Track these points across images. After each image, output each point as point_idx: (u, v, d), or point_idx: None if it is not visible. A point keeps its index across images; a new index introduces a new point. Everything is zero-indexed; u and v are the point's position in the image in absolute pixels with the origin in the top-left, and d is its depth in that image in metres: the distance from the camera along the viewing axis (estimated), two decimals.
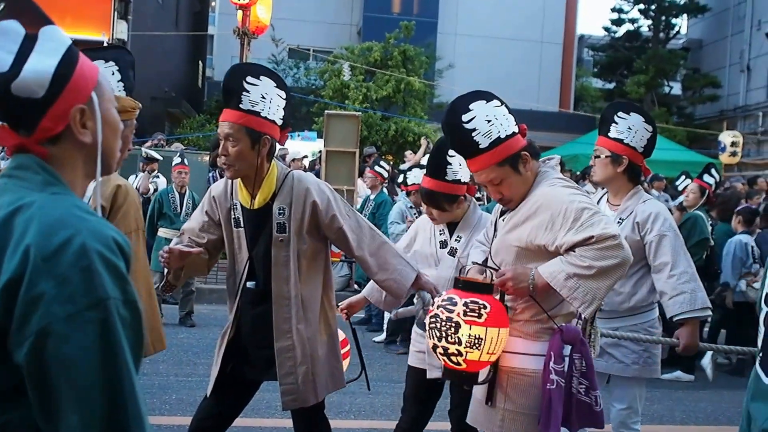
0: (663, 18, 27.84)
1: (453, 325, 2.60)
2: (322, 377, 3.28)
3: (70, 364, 1.22)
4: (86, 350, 1.23)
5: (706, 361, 6.46)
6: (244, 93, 3.04)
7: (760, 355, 1.73)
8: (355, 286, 10.26)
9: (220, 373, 3.30)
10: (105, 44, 14.26)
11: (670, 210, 4.99)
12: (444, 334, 2.62)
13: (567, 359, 2.68)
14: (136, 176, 9.85)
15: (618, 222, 3.97)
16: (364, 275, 8.28)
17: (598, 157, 3.96)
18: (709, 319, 6.71)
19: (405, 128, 18.72)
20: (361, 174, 11.25)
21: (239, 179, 3.21)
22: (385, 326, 8.26)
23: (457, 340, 2.59)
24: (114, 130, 1.52)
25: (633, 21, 28.52)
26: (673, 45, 29.01)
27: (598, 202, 4.12)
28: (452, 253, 3.64)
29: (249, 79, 3.06)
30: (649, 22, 28.13)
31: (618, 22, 28.67)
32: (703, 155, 18.50)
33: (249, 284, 3.29)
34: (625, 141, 3.88)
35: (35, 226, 1.28)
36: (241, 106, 3.04)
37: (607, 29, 29.21)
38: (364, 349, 3.67)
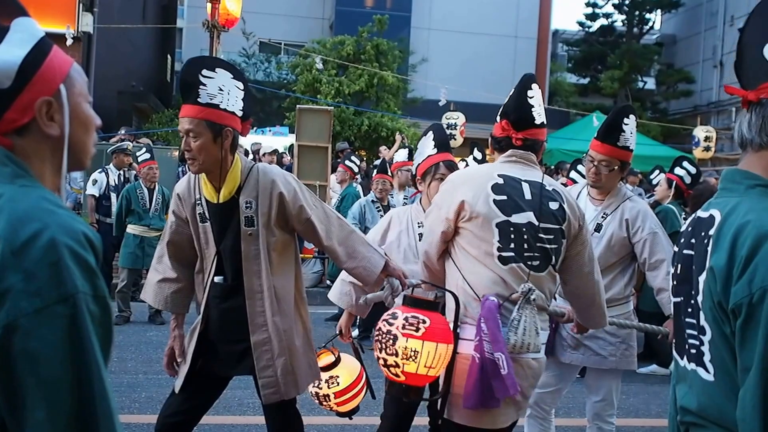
0: (637, 13, 28.14)
1: (391, 337, 2.73)
2: (301, 369, 3.28)
3: (37, 360, 1.21)
4: (54, 345, 1.22)
5: None
6: (201, 87, 3.03)
7: (674, 341, 1.91)
8: (328, 282, 10.25)
9: (189, 369, 3.28)
10: (70, 37, 14.10)
11: None
12: (384, 346, 2.75)
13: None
14: (104, 171, 9.73)
15: (602, 217, 4.03)
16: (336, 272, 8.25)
17: (610, 168, 3.96)
18: None
19: (378, 123, 18.74)
20: (333, 170, 11.24)
21: (203, 174, 3.20)
22: (357, 321, 8.26)
23: (394, 352, 2.71)
24: (84, 125, 1.50)
25: (607, 16, 28.78)
26: (647, 40, 29.34)
27: (578, 197, 4.16)
28: None
29: (204, 72, 3.05)
30: (623, 17, 28.42)
31: (592, 17, 28.90)
32: (677, 150, 18.70)
33: (217, 279, 3.28)
34: (630, 147, 3.95)
35: (4, 219, 1.27)
36: (199, 100, 3.03)
37: (581, 24, 29.45)
38: (339, 347, 3.66)
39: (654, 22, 29.52)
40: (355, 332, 8.14)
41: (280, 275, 3.25)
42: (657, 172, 10.43)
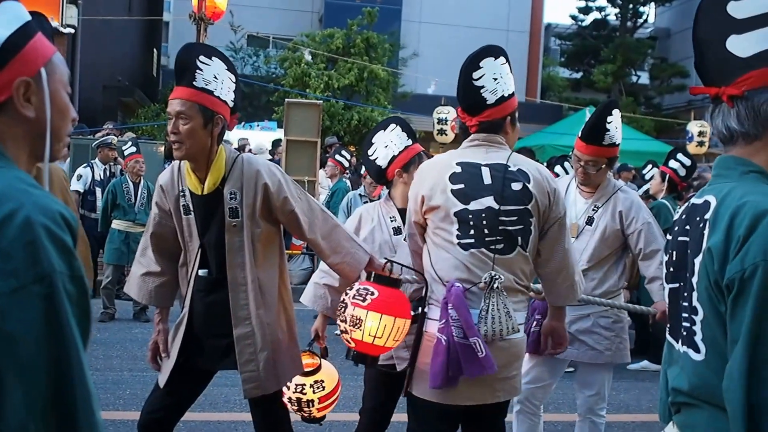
0: (630, 6, 28.22)
1: (344, 305, 3.01)
2: (283, 363, 3.28)
3: (14, 340, 1.21)
4: (31, 325, 1.22)
5: None
6: (197, 71, 3.05)
7: (669, 326, 1.95)
8: None
9: (174, 364, 3.29)
10: (54, 30, 14.04)
11: None
12: (339, 313, 3.03)
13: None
14: (89, 166, 9.71)
15: (593, 209, 4.07)
16: None
17: (598, 168, 3.99)
18: None
19: (368, 118, 18.74)
20: (322, 165, 11.24)
21: (187, 165, 3.19)
22: None
23: (344, 319, 2.97)
24: (61, 113, 1.51)
25: (600, 9, 28.87)
26: (640, 34, 29.44)
27: (566, 190, 4.19)
28: None
29: (202, 58, 3.07)
30: (617, 10, 28.51)
31: (585, 11, 28.99)
32: (670, 145, 18.77)
33: (201, 272, 3.27)
34: (616, 143, 3.98)
35: None
36: (194, 83, 3.04)
37: (574, 18, 29.54)
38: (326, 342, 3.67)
39: (648, 16, 29.64)
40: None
41: (264, 267, 3.25)
42: (650, 166, 10.47)
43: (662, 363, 2.08)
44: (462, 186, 2.94)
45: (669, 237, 1.98)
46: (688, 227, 1.84)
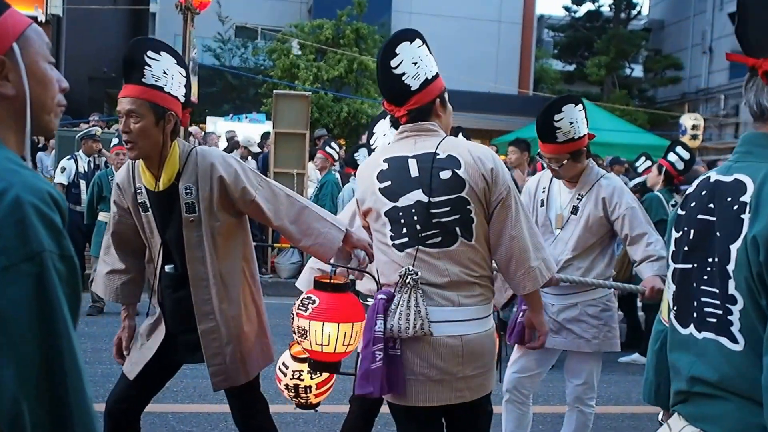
0: None
1: (292, 316, 3.03)
2: (252, 355, 3.32)
3: (4, 318, 1.24)
4: (21, 304, 1.25)
5: None
6: (146, 67, 3.02)
7: (675, 308, 1.88)
8: None
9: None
10: (38, 19, 14.02)
11: None
12: (291, 324, 3.04)
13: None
14: (73, 158, 9.72)
15: (578, 198, 4.13)
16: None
17: (561, 164, 4.05)
18: None
19: (358, 110, 18.75)
20: (311, 157, 11.29)
21: (141, 162, 3.18)
22: None
23: (294, 330, 3.02)
24: (42, 83, 1.51)
25: (594, 0, 28.91)
26: (634, 25, 29.49)
27: (551, 182, 4.28)
28: None
29: (150, 53, 3.04)
30: (610, 1, 28.54)
31: (578, 2, 29.04)
32: (663, 138, 18.89)
33: (167, 268, 3.28)
34: (576, 137, 4.01)
35: None
36: (143, 80, 3.02)
37: (567, 9, 29.59)
38: None
39: (641, 7, 29.69)
40: None
41: (226, 261, 3.25)
42: (643, 159, 10.57)
43: (651, 344, 2.07)
44: (389, 183, 2.88)
45: (681, 212, 1.88)
46: (711, 205, 1.75)
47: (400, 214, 2.84)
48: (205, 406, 5.44)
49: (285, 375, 3.44)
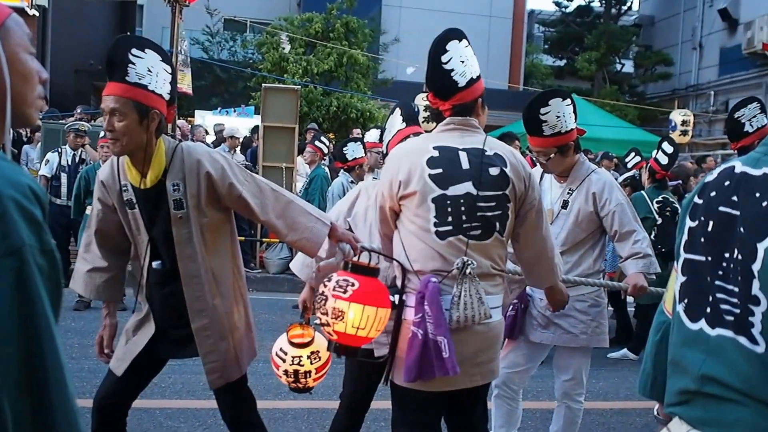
0: None
1: (324, 298, 2.97)
2: (243, 349, 3.36)
3: None
4: (2, 299, 1.23)
5: None
6: (130, 65, 3.02)
7: (685, 301, 1.80)
8: None
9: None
10: (25, 11, 13.94)
11: None
12: (318, 306, 3.00)
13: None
14: (58, 151, 9.69)
15: (568, 193, 4.15)
16: None
17: (547, 157, 4.07)
18: None
19: (347, 104, 18.71)
20: (300, 151, 11.27)
21: (126, 159, 3.18)
22: None
23: (326, 312, 2.95)
24: (23, 76, 1.48)
25: None
26: (624, 21, 29.53)
27: (542, 177, 4.30)
28: None
29: (134, 51, 3.04)
30: None
31: None
32: (653, 134, 18.95)
33: (155, 264, 3.28)
34: (562, 131, 4.01)
35: None
36: (127, 78, 3.02)
37: (557, 4, 29.57)
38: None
39: (632, 3, 29.72)
40: None
41: (216, 256, 3.27)
42: (633, 154, 10.60)
43: (652, 335, 2.02)
44: (440, 171, 2.97)
45: (698, 200, 1.81)
46: (735, 198, 1.69)
47: (448, 202, 2.95)
48: (193, 402, 5.43)
49: (284, 361, 3.45)
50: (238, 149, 12.62)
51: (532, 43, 32.36)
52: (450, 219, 2.95)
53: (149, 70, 3.07)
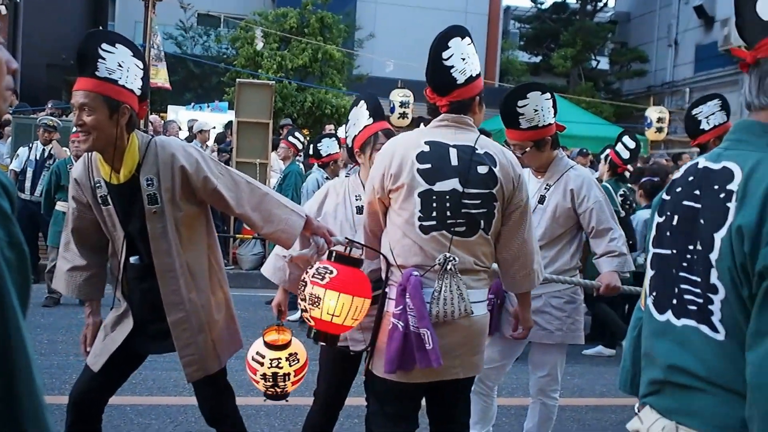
0: None
1: (303, 284, 3.07)
2: (223, 342, 3.36)
3: None
4: None
5: None
6: (100, 60, 3.02)
7: (653, 294, 1.87)
8: None
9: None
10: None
11: None
12: (300, 292, 3.10)
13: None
14: (29, 146, 9.59)
15: (545, 188, 4.15)
16: None
17: (522, 151, 4.07)
18: None
19: (322, 100, 18.69)
20: (275, 147, 11.23)
21: (99, 155, 3.17)
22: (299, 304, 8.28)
23: (304, 297, 3.04)
24: None
25: None
26: (600, 18, 29.71)
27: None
28: None
29: (104, 46, 3.04)
30: None
31: None
32: (630, 131, 19.05)
33: (132, 260, 3.29)
34: (539, 125, 4.02)
35: None
36: (97, 73, 3.01)
37: (533, 0, 29.71)
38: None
39: (608, 0, 29.95)
40: (296, 315, 8.22)
41: (192, 250, 3.28)
42: (608, 151, 10.66)
43: (630, 331, 2.07)
44: (429, 166, 3.00)
45: (666, 197, 1.87)
46: (698, 192, 1.74)
47: (434, 197, 2.99)
48: (164, 398, 5.41)
49: (261, 365, 3.45)
50: (209, 143, 12.55)
51: (507, 39, 32.50)
52: (434, 214, 2.98)
53: (120, 65, 3.06)
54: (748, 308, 1.58)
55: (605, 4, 29.67)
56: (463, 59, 3.10)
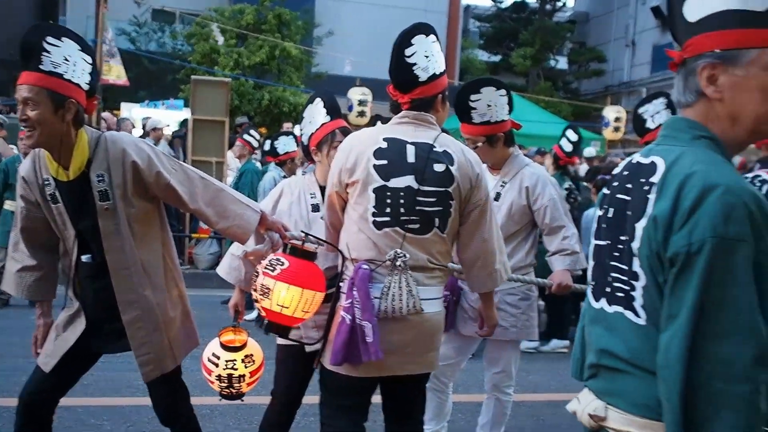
0: None
1: (256, 274, 3.13)
2: (179, 340, 3.36)
3: None
4: None
5: None
6: (44, 53, 2.97)
7: (593, 283, 1.98)
8: None
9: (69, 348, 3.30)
10: None
11: None
12: (252, 282, 3.14)
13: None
14: None
15: (501, 185, 4.20)
16: None
17: (475, 145, 4.10)
18: None
19: (280, 98, 18.64)
20: (231, 145, 11.18)
21: (46, 152, 3.14)
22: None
23: (255, 288, 3.10)
24: None
25: None
26: (559, 17, 30.02)
27: None
28: None
29: (50, 39, 3.00)
30: None
31: None
32: (587, 130, 19.29)
33: (84, 258, 3.25)
34: (491, 121, 4.07)
35: None
36: (41, 67, 2.97)
37: None
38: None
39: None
40: (253, 314, 8.20)
41: (145, 247, 3.25)
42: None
43: (580, 321, 2.14)
44: (385, 162, 3.03)
45: (606, 192, 1.97)
46: (629, 185, 1.83)
47: (388, 194, 3.01)
48: (117, 399, 5.37)
49: (217, 366, 3.44)
50: (163, 141, 12.45)
51: (467, 38, 32.68)
52: (388, 210, 3.01)
53: (66, 59, 3.02)
54: (664, 294, 1.69)
55: (564, 4, 30.00)
56: (427, 57, 3.12)
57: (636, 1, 27.21)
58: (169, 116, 15.36)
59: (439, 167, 3.04)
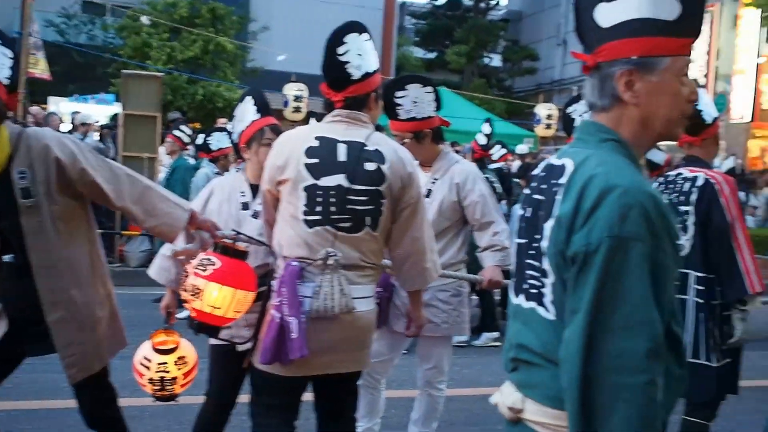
0: None
1: (186, 275, 3.10)
2: (106, 340, 3.29)
3: None
4: None
5: None
6: None
7: (513, 280, 2.04)
8: None
9: None
10: None
11: None
12: (182, 282, 3.12)
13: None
14: None
15: (432, 182, 4.23)
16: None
17: (403, 142, 4.11)
18: None
19: (214, 93, 18.50)
20: (163, 141, 11.03)
21: None
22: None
23: (186, 288, 3.06)
24: None
25: None
26: (493, 16, 30.36)
27: None
28: (256, 216, 3.64)
29: None
30: None
31: None
32: (520, 127, 19.56)
33: (6, 258, 3.15)
34: (417, 117, 4.10)
35: None
36: None
37: None
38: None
39: None
40: (185, 312, 8.11)
41: (71, 245, 3.18)
42: (498, 147, 10.95)
43: (508, 317, 2.18)
44: (316, 161, 3.02)
45: (527, 191, 2.02)
46: (544, 186, 1.88)
47: (319, 192, 3.01)
48: (43, 402, 5.25)
49: (149, 369, 3.39)
50: (95, 135, 12.22)
51: (403, 35, 32.79)
52: (319, 209, 3.00)
53: None
54: (567, 290, 1.75)
55: (498, 3, 30.36)
56: (360, 55, 3.12)
57: (567, 1, 27.64)
58: (99, 111, 15.08)
59: (370, 166, 3.05)
